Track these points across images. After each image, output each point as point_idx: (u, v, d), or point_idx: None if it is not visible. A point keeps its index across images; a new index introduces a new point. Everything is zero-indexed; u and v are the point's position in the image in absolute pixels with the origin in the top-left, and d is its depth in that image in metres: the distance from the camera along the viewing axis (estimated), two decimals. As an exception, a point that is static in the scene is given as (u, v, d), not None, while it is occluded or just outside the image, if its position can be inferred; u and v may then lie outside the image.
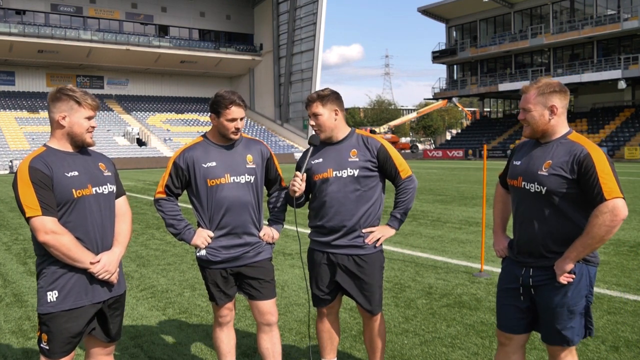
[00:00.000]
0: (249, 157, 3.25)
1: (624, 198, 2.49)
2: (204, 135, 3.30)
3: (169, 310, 5.18)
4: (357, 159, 3.21)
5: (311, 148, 3.37)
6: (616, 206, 2.45)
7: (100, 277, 2.66)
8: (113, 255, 2.73)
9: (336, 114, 3.23)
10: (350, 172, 3.20)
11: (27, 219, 2.53)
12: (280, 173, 3.41)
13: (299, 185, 3.18)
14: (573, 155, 2.55)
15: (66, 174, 2.60)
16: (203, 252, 3.20)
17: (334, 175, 3.21)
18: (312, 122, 3.24)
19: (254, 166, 3.25)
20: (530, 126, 2.69)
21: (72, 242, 2.57)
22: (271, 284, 3.29)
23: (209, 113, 3.22)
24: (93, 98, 2.70)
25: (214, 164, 3.16)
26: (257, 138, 3.37)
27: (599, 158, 2.51)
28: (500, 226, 3.03)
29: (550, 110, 2.63)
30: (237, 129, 3.14)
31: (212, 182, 3.14)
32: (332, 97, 3.22)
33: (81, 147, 2.72)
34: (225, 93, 3.15)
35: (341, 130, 3.28)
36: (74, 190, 2.61)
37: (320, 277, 3.33)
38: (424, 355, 3.96)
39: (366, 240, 3.22)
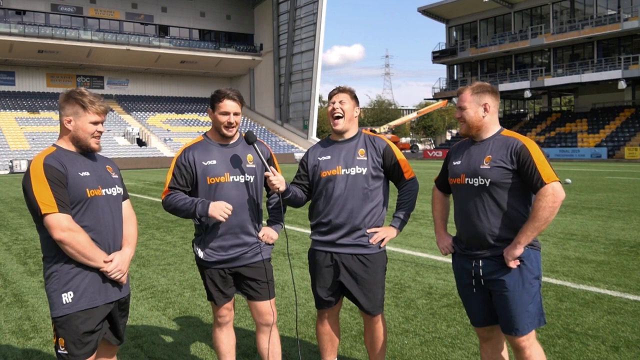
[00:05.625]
0: (249, 156, 3.26)
1: (560, 181, 2.70)
2: (205, 135, 3.31)
3: (169, 310, 5.18)
4: (365, 158, 3.25)
5: (309, 150, 3.41)
6: (555, 188, 2.66)
7: (112, 276, 2.66)
8: (125, 255, 2.75)
9: (356, 112, 3.34)
10: (359, 170, 3.23)
11: (42, 216, 2.50)
12: (280, 173, 3.41)
13: (277, 179, 3.15)
14: (509, 147, 2.76)
15: (79, 174, 2.61)
16: (201, 253, 3.20)
17: (342, 172, 3.24)
18: (337, 106, 3.26)
19: (254, 166, 3.25)
20: (466, 123, 2.89)
21: (87, 240, 2.56)
22: (270, 285, 3.29)
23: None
24: (101, 103, 2.67)
25: (214, 162, 3.17)
26: (257, 138, 3.37)
27: (533, 148, 2.74)
28: (441, 226, 3.19)
29: (483, 108, 2.85)
30: (230, 124, 3.15)
31: (212, 180, 3.14)
32: (356, 98, 3.37)
33: (86, 151, 2.72)
34: (222, 88, 3.21)
35: (353, 128, 3.35)
36: (87, 189, 2.61)
37: (324, 278, 3.32)
38: (424, 355, 3.96)
39: (370, 240, 3.24)
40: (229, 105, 3.13)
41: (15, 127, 44.67)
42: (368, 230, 3.25)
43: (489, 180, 2.76)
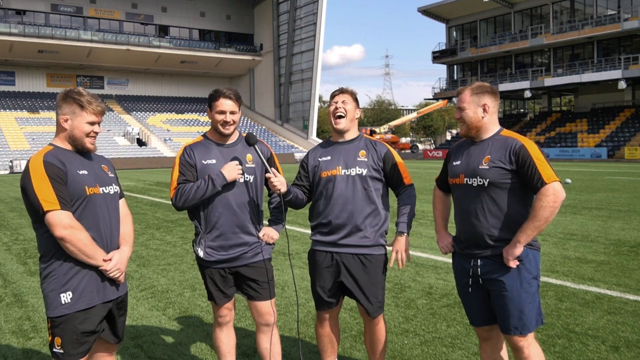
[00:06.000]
0: (249, 156, 3.26)
1: (560, 181, 2.70)
2: (204, 135, 3.32)
3: (169, 310, 5.18)
4: (366, 159, 3.27)
5: (309, 150, 3.43)
6: (556, 188, 2.66)
7: (111, 275, 2.65)
8: (123, 254, 2.75)
9: (357, 113, 3.36)
10: (359, 170, 3.24)
11: (44, 214, 2.48)
12: (280, 173, 3.41)
13: (278, 181, 3.15)
14: (508, 148, 2.77)
15: (78, 172, 2.62)
16: (201, 252, 3.20)
17: (342, 173, 3.25)
18: (340, 106, 3.27)
19: (253, 166, 3.26)
20: (466, 124, 2.90)
21: (87, 238, 2.56)
22: (270, 285, 3.29)
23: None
24: (99, 103, 2.67)
25: (213, 161, 3.17)
26: (258, 139, 3.37)
27: (533, 148, 2.74)
28: (442, 225, 3.20)
29: (482, 108, 2.86)
30: (226, 122, 3.16)
31: None
32: (357, 99, 3.38)
33: (82, 151, 2.71)
34: (219, 87, 3.23)
35: (353, 129, 3.36)
36: (86, 187, 2.62)
37: (324, 279, 3.31)
38: (424, 355, 3.96)
39: (390, 265, 3.27)
40: (225, 104, 3.14)
41: (15, 127, 44.68)
42: (390, 265, 3.26)
43: (488, 180, 2.77)
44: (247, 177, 3.22)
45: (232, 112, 3.16)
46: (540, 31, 45.11)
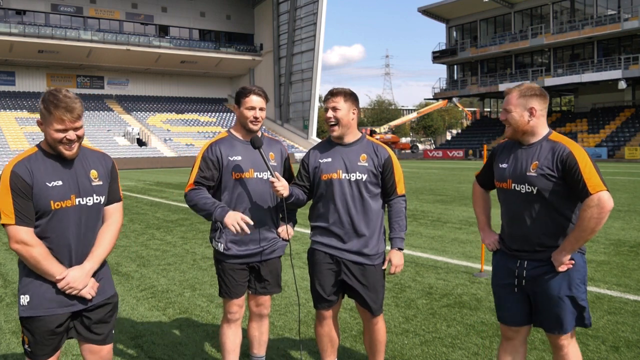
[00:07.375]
0: (271, 154, 3.35)
1: (608, 190, 2.60)
2: (229, 131, 3.40)
3: (169, 310, 5.18)
4: (367, 164, 3.25)
5: (311, 149, 3.44)
6: (601, 199, 2.56)
7: (66, 292, 2.57)
8: (81, 271, 2.59)
9: (353, 113, 3.29)
10: (359, 176, 3.23)
11: (2, 225, 2.49)
12: (294, 174, 3.50)
13: (281, 185, 3.17)
14: (556, 154, 2.69)
15: (47, 184, 2.51)
16: (221, 246, 3.27)
17: (343, 177, 3.25)
18: (330, 114, 3.24)
19: (275, 164, 3.35)
20: (512, 126, 2.81)
21: (41, 254, 2.49)
22: (277, 281, 3.47)
23: (234, 105, 3.38)
24: (67, 110, 2.44)
25: (239, 157, 3.25)
26: (276, 138, 3.52)
27: (581, 155, 2.65)
28: (485, 223, 3.15)
29: (529, 112, 2.76)
30: (256, 118, 3.26)
31: (237, 176, 3.24)
32: (353, 97, 3.30)
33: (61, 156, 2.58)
34: (248, 85, 3.35)
35: (353, 131, 3.33)
36: (52, 201, 2.51)
37: (324, 276, 3.32)
38: (424, 355, 3.96)
39: (384, 268, 3.31)
40: (255, 100, 3.24)
41: (15, 127, 44.69)
42: (385, 268, 3.30)
43: (536, 187, 2.71)
44: (270, 174, 3.27)
45: (261, 109, 3.27)
46: (540, 31, 45.09)
